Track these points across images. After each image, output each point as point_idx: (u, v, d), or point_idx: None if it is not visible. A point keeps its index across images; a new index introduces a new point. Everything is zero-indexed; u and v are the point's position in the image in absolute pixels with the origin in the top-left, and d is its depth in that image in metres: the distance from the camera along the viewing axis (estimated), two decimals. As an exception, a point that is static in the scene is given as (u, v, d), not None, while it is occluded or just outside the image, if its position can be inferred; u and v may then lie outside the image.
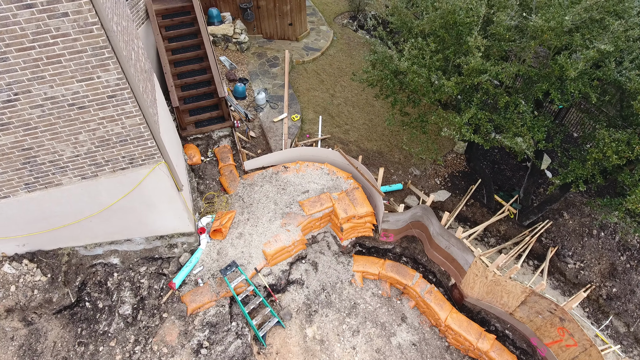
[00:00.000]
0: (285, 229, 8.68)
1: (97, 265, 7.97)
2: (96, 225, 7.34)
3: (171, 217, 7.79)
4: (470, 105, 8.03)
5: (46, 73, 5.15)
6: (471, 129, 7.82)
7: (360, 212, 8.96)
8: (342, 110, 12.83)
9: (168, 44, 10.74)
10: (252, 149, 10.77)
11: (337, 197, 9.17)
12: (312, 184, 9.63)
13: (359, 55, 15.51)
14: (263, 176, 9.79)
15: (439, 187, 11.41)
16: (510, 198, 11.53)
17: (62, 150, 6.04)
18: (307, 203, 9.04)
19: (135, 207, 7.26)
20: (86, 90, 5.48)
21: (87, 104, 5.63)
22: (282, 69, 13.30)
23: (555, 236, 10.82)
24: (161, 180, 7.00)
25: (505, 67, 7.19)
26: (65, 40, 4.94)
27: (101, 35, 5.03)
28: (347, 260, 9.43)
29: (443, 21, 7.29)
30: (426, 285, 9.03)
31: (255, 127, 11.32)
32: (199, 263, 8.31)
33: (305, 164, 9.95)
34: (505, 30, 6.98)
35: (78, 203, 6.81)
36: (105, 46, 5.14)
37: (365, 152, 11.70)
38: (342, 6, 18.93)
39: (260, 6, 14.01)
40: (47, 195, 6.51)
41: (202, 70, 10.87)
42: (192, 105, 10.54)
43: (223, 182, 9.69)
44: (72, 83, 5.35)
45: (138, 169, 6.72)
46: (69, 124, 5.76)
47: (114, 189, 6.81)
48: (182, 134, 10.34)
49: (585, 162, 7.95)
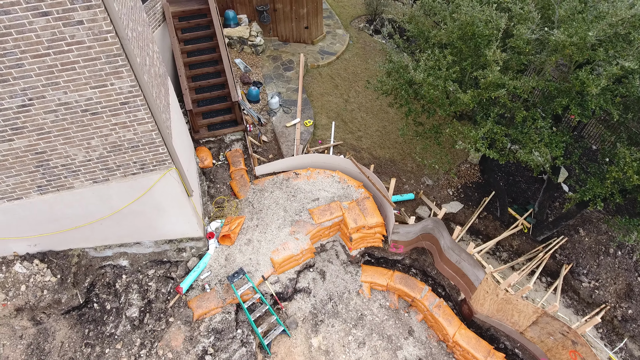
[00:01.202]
0: (294, 237, 8.62)
1: (106, 267, 8.02)
2: (106, 228, 7.38)
3: (180, 222, 7.80)
4: (486, 118, 7.86)
5: (60, 79, 5.17)
6: (486, 143, 7.65)
7: (370, 223, 8.85)
8: (355, 116, 12.73)
9: (184, 46, 10.77)
10: (264, 154, 10.74)
11: (347, 206, 9.08)
12: (323, 191, 9.55)
13: (374, 60, 15.37)
14: (274, 182, 9.74)
15: (451, 198, 11.23)
16: (525, 212, 11.29)
17: (74, 155, 6.07)
18: (317, 211, 8.96)
19: (145, 211, 7.28)
20: (99, 96, 5.49)
21: (100, 110, 5.64)
22: (296, 73, 13.25)
23: (570, 253, 10.56)
24: (171, 185, 7.00)
25: (524, 81, 7.01)
26: (80, 47, 4.95)
27: (115, 43, 5.03)
28: (355, 270, 9.33)
29: (461, 32, 7.14)
30: (435, 299, 8.88)
31: (268, 131, 11.29)
32: (206, 268, 8.31)
33: (317, 171, 9.87)
34: (525, 43, 6.80)
35: (89, 206, 6.84)
36: (119, 54, 5.14)
37: (377, 160, 11.58)
38: (359, 9, 18.81)
39: (277, 9, 13.98)
40: (58, 198, 6.56)
41: (217, 73, 10.87)
42: (205, 108, 10.55)
43: (233, 186, 9.67)
44: (86, 89, 5.36)
45: (149, 175, 6.73)
46: (82, 129, 5.78)
47: (125, 193, 6.83)
48: (194, 136, 10.36)
49: (605, 180, 7.72)
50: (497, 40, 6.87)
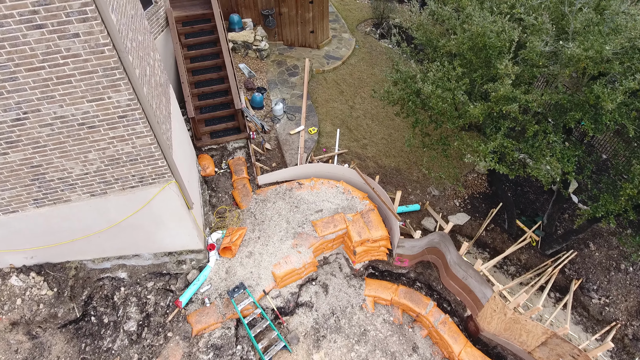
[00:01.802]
0: (297, 250, 8.41)
1: (105, 279, 7.85)
2: (104, 241, 7.21)
3: (180, 234, 7.62)
4: (496, 131, 7.61)
5: (56, 93, 4.99)
6: (496, 157, 7.41)
7: (374, 236, 8.63)
8: (360, 123, 12.50)
9: (187, 51, 10.60)
10: (267, 162, 10.54)
11: (351, 219, 8.86)
12: (327, 202, 9.34)
13: (380, 65, 15.14)
14: (276, 192, 9.54)
15: (458, 209, 10.98)
16: (533, 224, 11.02)
17: (71, 168, 5.90)
18: (320, 224, 8.75)
19: (144, 224, 7.10)
20: (96, 110, 5.31)
21: (97, 123, 5.46)
22: (301, 79, 13.04)
23: (580, 268, 10.28)
24: (171, 199, 6.82)
25: (537, 95, 6.76)
26: (76, 60, 4.77)
27: (113, 56, 4.84)
28: (358, 283, 9.11)
29: (472, 43, 6.90)
30: (440, 315, 8.65)
31: (271, 139, 11.09)
32: (206, 281, 8.12)
33: (320, 182, 9.66)
34: (538, 56, 6.55)
35: (86, 219, 6.68)
36: (117, 67, 4.95)
37: (382, 168, 11.35)
38: (366, 13, 18.57)
39: (282, 13, 13.78)
40: (55, 211, 6.39)
41: (220, 80, 10.69)
42: (208, 115, 10.37)
43: (236, 196, 9.48)
44: (82, 103, 5.18)
45: (148, 188, 6.55)
46: (79, 142, 5.60)
47: (123, 206, 6.66)
48: (196, 144, 10.18)
49: (618, 196, 7.46)
50: (509, 53, 6.63)
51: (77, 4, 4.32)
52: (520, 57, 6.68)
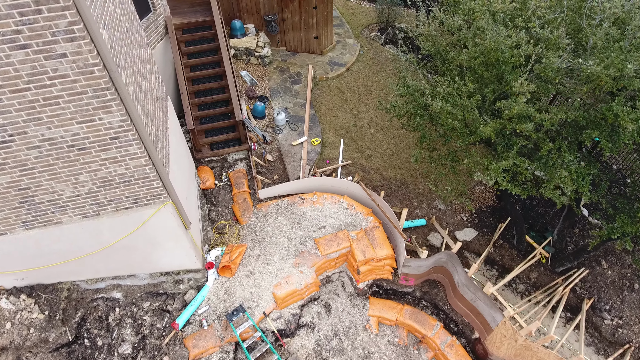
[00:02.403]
0: (298, 269, 8.10)
1: (99, 300, 7.56)
2: (97, 262, 6.91)
3: (178, 255, 7.32)
4: (508, 148, 7.27)
5: (43, 115, 4.69)
6: (508, 177, 7.07)
7: (379, 255, 8.31)
8: (365, 133, 12.17)
9: (187, 60, 10.29)
10: (268, 174, 10.23)
11: (355, 237, 8.54)
12: (330, 218, 9.01)
13: (385, 71, 14.80)
14: (278, 207, 9.23)
15: (465, 224, 10.64)
16: (542, 239, 10.67)
17: (61, 190, 5.60)
18: (323, 241, 8.43)
19: (139, 245, 6.80)
20: (87, 131, 5.00)
21: (88, 145, 5.16)
22: (304, 86, 12.72)
23: (591, 286, 9.92)
24: (167, 220, 6.51)
25: (553, 114, 6.41)
26: (64, 82, 4.47)
27: (103, 76, 4.53)
28: (362, 302, 8.78)
29: (484, 58, 6.55)
30: (447, 337, 8.32)
31: (273, 150, 10.77)
32: (204, 302, 7.82)
33: (323, 196, 9.34)
34: (554, 73, 6.20)
35: (78, 241, 6.38)
36: (108, 88, 4.65)
37: (387, 181, 11.02)
38: (371, 17, 18.23)
39: (286, 19, 13.46)
40: (45, 233, 6.10)
41: (221, 89, 10.38)
42: (208, 125, 10.06)
43: (236, 211, 9.17)
44: (72, 125, 4.88)
45: (143, 209, 6.24)
46: (69, 165, 5.30)
47: (117, 227, 6.36)
48: (196, 156, 9.88)
49: (636, 218, 7.12)
50: (525, 70, 6.28)
51: (64, 23, 4.02)
52: (534, 72, 6.33)
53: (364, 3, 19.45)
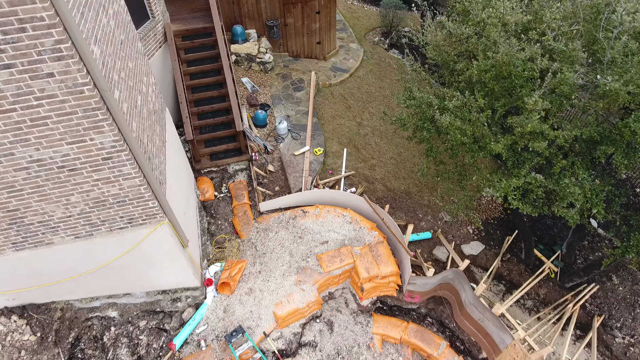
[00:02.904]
0: (300, 287, 7.82)
1: (93, 319, 7.30)
2: (92, 281, 6.66)
3: (175, 273, 7.06)
4: (519, 165, 6.98)
5: (30, 135, 4.43)
6: (518, 194, 6.77)
7: (384, 272, 8.03)
8: (368, 142, 11.89)
9: (186, 67, 10.03)
10: (269, 185, 9.96)
11: (359, 253, 8.26)
12: (333, 233, 8.74)
13: (390, 77, 14.52)
14: (279, 220, 8.95)
15: (471, 237, 10.35)
16: (551, 252, 10.37)
17: (52, 211, 5.34)
18: (326, 258, 8.16)
19: (134, 264, 6.54)
20: (77, 152, 4.74)
21: (79, 166, 4.89)
22: (307, 93, 12.44)
23: (602, 303, 9.62)
24: (164, 239, 6.25)
25: (566, 130, 6.12)
26: (52, 102, 4.20)
27: (94, 96, 4.27)
28: (366, 320, 8.50)
29: (495, 72, 6.26)
30: (454, 356, 8.03)
31: (275, 160, 10.50)
32: (202, 321, 7.55)
33: (326, 209, 9.06)
34: (569, 88, 5.91)
35: (71, 261, 6.13)
36: (99, 107, 4.38)
37: (392, 192, 10.74)
38: (374, 21, 17.94)
39: (288, 24, 13.19)
40: (36, 254, 5.85)
41: (221, 98, 10.12)
42: (208, 135, 9.80)
43: (236, 224, 8.90)
44: (61, 145, 4.62)
45: (138, 229, 5.98)
46: (59, 186, 5.04)
47: (111, 248, 6.10)
48: (195, 166, 9.62)
49: (653, 238, 6.82)
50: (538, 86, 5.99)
51: (50, 41, 3.75)
52: (548, 87, 6.04)
53: (367, 6, 19.17)
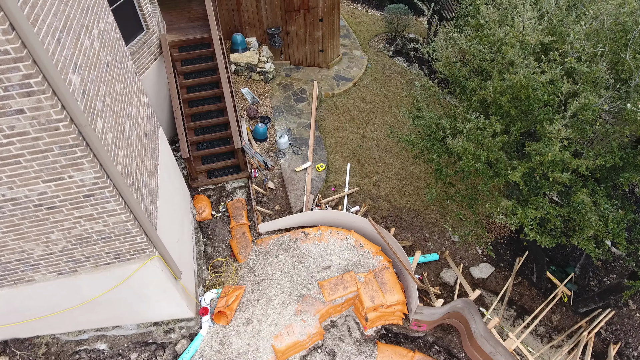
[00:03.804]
0: (300, 318, 7.38)
1: (81, 352, 6.88)
2: (78, 315, 6.24)
3: (167, 305, 6.63)
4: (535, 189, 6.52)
5: (2, 174, 4.00)
6: (535, 225, 6.31)
7: (389, 301, 7.58)
8: (373, 155, 11.43)
9: (183, 80, 9.60)
10: (269, 204, 9.52)
11: (363, 279, 7.81)
12: (335, 257, 8.29)
13: (394, 86, 14.04)
14: (279, 243, 8.51)
15: (480, 258, 9.88)
16: (564, 274, 9.90)
17: (31, 249, 4.92)
18: (328, 285, 7.72)
19: (123, 298, 6.12)
20: (55, 190, 4.31)
21: (57, 204, 4.46)
22: (309, 105, 11.99)
23: (618, 329, 9.15)
24: (154, 274, 5.82)
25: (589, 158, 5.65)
26: (23, 139, 3.77)
27: (71, 132, 3.84)
28: (370, 349, 8.05)
29: (512, 95, 5.80)
30: (463, 391, 7.59)
31: (275, 176, 10.06)
32: (197, 353, 7.12)
33: (329, 231, 8.62)
34: (593, 114, 5.44)
35: (55, 297, 5.71)
36: (77, 144, 3.95)
37: (397, 210, 10.28)
38: (379, 26, 17.46)
39: (290, 32, 12.74)
40: (16, 292, 5.43)
41: (219, 112, 9.68)
42: (205, 152, 9.37)
43: (234, 247, 8.47)
44: (37, 184, 4.19)
45: (126, 264, 5.55)
46: (37, 224, 4.62)
47: (98, 283, 5.67)
48: (192, 184, 9.19)
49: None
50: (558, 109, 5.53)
51: (17, 76, 3.32)
52: (569, 111, 5.57)
53: (371, 11, 18.69)
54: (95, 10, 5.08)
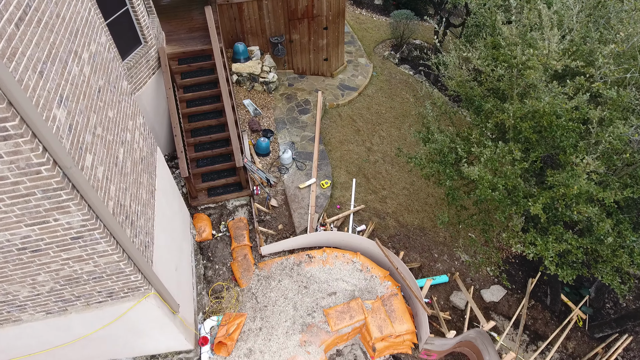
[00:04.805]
0: (305, 349, 7.01)
1: (74, 386, 6.52)
2: (70, 352, 5.88)
3: (164, 339, 6.26)
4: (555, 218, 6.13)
5: (-20, 219, 3.63)
6: (556, 257, 5.92)
7: (398, 330, 7.21)
8: (379, 170, 11.05)
9: (183, 94, 9.23)
10: (272, 223, 9.15)
11: (370, 307, 7.43)
12: (341, 282, 7.92)
13: (400, 95, 13.65)
14: (282, 266, 8.14)
15: (491, 280, 9.49)
16: (578, 296, 9.50)
17: (16, 291, 4.56)
18: (334, 313, 7.34)
19: (118, 334, 5.76)
20: (40, 233, 3.95)
21: (43, 247, 4.10)
22: (313, 117, 11.61)
23: (635, 356, 8.75)
24: (150, 310, 5.45)
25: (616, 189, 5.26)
26: (2, 184, 3.41)
27: (54, 176, 3.47)
28: (377, 379, 7.68)
29: (534, 122, 5.40)
30: None
31: (278, 193, 9.68)
32: (196, 387, 6.77)
33: (334, 254, 8.24)
34: (622, 143, 5.05)
35: (44, 336, 5.35)
36: (62, 187, 3.58)
37: (404, 228, 9.89)
38: (384, 32, 17.06)
39: (293, 40, 12.36)
40: (3, 332, 5.07)
41: (221, 127, 9.31)
42: (205, 169, 9.00)
43: (235, 270, 8.10)
44: (19, 228, 3.82)
45: (119, 302, 5.19)
46: (21, 267, 4.26)
47: (89, 321, 5.31)
48: (191, 203, 8.82)
49: None
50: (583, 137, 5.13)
51: (-9, 120, 2.95)
52: (600, 145, 5.17)
53: (376, 16, 18.29)
54: (86, 31, 4.71)
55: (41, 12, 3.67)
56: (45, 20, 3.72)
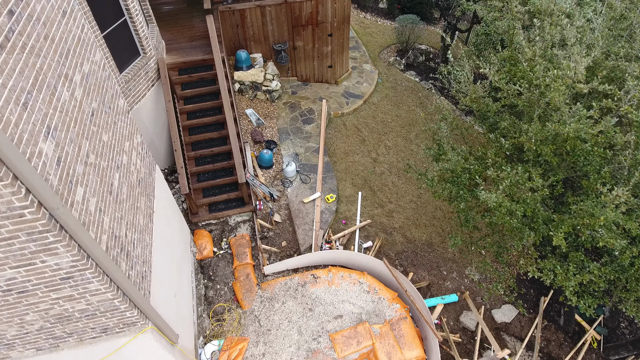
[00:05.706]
0: (310, 378, 6.70)
1: (68, 418, 6.20)
2: (63, 385, 5.57)
3: (162, 370, 5.94)
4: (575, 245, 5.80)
5: (-40, 263, 3.32)
6: (576, 286, 5.59)
7: (408, 357, 6.89)
8: (385, 182, 10.72)
9: (183, 105, 8.91)
10: (275, 240, 8.83)
11: (378, 332, 7.11)
12: (348, 304, 7.60)
13: (406, 103, 13.31)
14: (286, 287, 7.82)
15: (502, 299, 9.15)
16: (591, 316, 9.16)
17: (3, 331, 4.25)
18: (340, 338, 7.02)
19: (113, 367, 5.44)
20: (26, 275, 3.64)
21: (30, 288, 3.79)
22: (317, 127, 11.29)
23: (654, 379, 8.41)
24: (147, 344, 5.14)
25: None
26: (-18, 229, 3.09)
27: (39, 218, 3.16)
28: (385, 406, 7.36)
29: (555, 146, 5.07)
30: None
31: (281, 208, 9.36)
32: (196, 418, 6.46)
33: (340, 274, 7.92)
34: (652, 170, 4.71)
35: (34, 372, 5.03)
36: (48, 230, 3.27)
37: (412, 243, 9.57)
38: (389, 37, 16.71)
39: (297, 47, 12.03)
40: (-11, 370, 4.76)
41: (222, 140, 9.00)
42: (206, 183, 8.69)
43: (237, 290, 7.79)
44: (4, 270, 3.52)
45: (114, 338, 4.88)
46: (8, 308, 3.95)
47: (83, 357, 5.00)
48: (192, 219, 8.51)
49: None
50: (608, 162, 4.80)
51: (-33, 165, 2.63)
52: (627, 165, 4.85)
53: (381, 20, 17.94)
54: (78, 51, 4.39)
55: (26, 36, 3.35)
56: (31, 44, 3.40)
